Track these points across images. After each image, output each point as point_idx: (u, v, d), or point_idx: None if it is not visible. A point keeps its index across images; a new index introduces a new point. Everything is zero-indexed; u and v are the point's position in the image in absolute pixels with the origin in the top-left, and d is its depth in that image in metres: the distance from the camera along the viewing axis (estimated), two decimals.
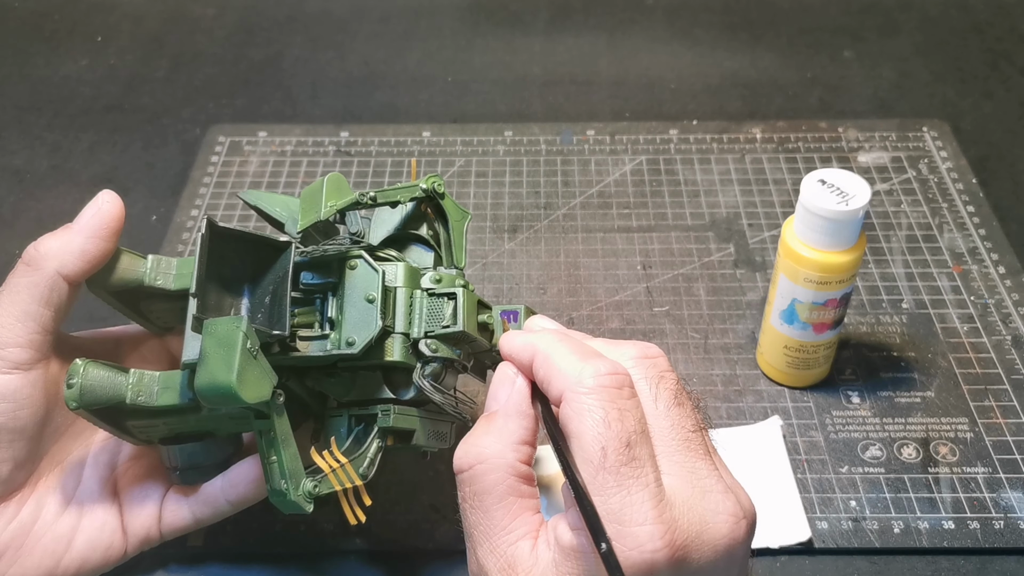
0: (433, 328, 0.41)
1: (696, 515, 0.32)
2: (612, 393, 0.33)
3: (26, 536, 0.41)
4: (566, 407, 0.33)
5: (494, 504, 0.34)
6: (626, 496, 0.31)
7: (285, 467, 0.38)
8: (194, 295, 0.36)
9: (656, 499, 0.31)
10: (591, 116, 0.76)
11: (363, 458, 0.40)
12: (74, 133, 0.76)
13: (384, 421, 0.41)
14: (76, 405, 0.38)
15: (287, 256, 0.40)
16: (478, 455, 0.35)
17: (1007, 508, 0.48)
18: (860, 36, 0.85)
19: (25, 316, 0.39)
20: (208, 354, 0.36)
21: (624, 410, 0.33)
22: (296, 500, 0.38)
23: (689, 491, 0.32)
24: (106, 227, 0.40)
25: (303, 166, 0.71)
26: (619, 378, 0.33)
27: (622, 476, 0.31)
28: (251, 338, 0.36)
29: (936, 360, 0.56)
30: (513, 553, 0.33)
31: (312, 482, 0.39)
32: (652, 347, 0.37)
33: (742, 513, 0.33)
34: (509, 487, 0.34)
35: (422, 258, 0.45)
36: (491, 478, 0.34)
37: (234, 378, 0.35)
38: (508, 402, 0.36)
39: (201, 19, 0.89)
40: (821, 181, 0.47)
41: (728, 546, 0.32)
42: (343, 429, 0.42)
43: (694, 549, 0.31)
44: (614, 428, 0.32)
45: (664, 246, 0.64)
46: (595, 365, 0.34)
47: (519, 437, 0.35)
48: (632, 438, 0.32)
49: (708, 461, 0.34)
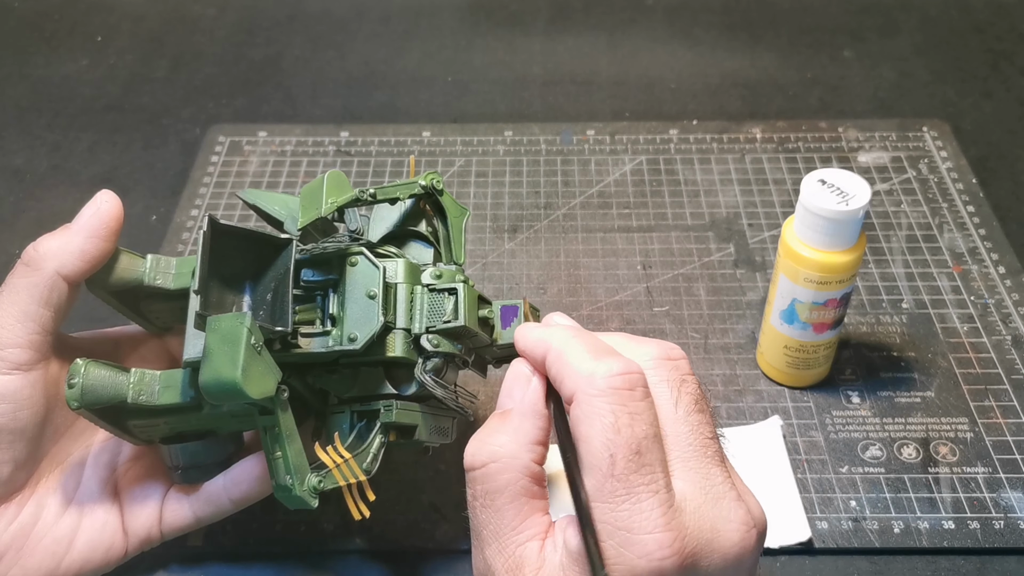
0: (434, 323, 0.41)
1: (707, 522, 0.32)
2: (623, 395, 0.32)
3: (27, 537, 0.41)
4: (576, 409, 0.33)
5: (505, 504, 0.34)
6: (635, 504, 0.31)
7: (290, 462, 0.38)
8: (197, 292, 0.36)
9: (665, 506, 0.31)
10: (591, 116, 0.76)
11: (366, 453, 0.40)
12: (74, 133, 0.76)
13: (387, 417, 0.41)
14: (78, 405, 0.38)
15: (288, 253, 0.40)
16: (492, 454, 0.34)
17: (1007, 508, 0.48)
18: (860, 36, 0.85)
19: (24, 317, 0.39)
20: (212, 350, 0.36)
21: (635, 414, 0.32)
22: (301, 495, 0.38)
23: (702, 498, 0.32)
24: (105, 227, 0.40)
25: (303, 166, 0.71)
26: (631, 378, 0.33)
27: (631, 484, 0.31)
28: (255, 334, 0.36)
29: (936, 360, 0.56)
30: (521, 554, 0.33)
31: (317, 477, 0.39)
32: (675, 348, 0.36)
33: (753, 522, 0.33)
34: (522, 488, 0.34)
35: (422, 254, 0.45)
36: (504, 478, 0.34)
37: (239, 374, 0.35)
38: (523, 401, 0.36)
39: (201, 19, 0.89)
40: (821, 181, 0.47)
41: (738, 555, 0.32)
42: (345, 425, 0.42)
43: (703, 556, 0.31)
44: (624, 434, 0.31)
45: (664, 246, 0.64)
46: (608, 364, 0.33)
47: (534, 437, 0.35)
48: (643, 444, 0.32)
49: (723, 468, 0.33)
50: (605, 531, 0.31)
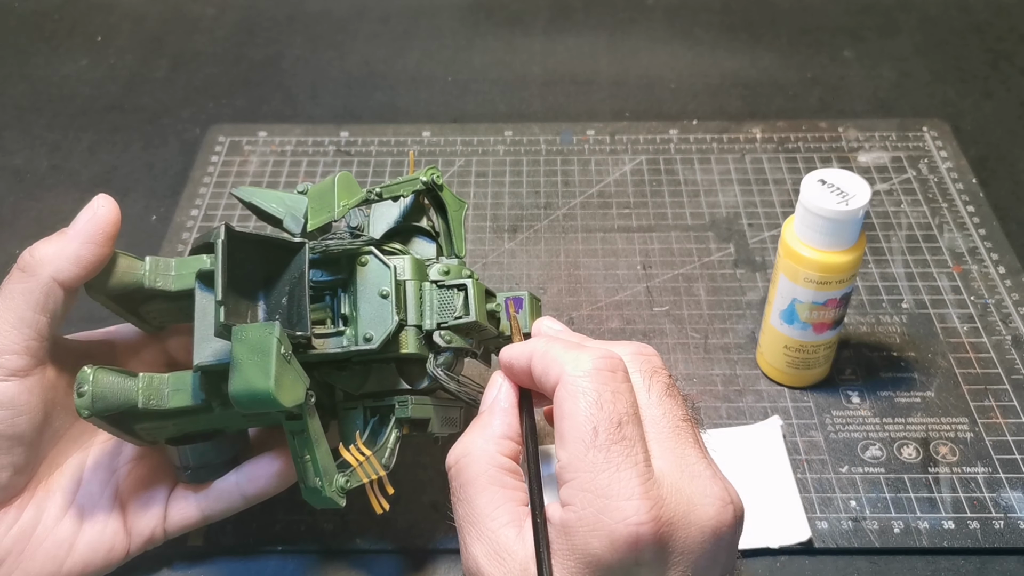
0: (446, 319, 0.42)
1: (684, 496, 0.33)
2: (606, 376, 0.35)
3: (27, 541, 0.41)
4: (561, 389, 0.35)
5: (477, 493, 0.36)
6: (614, 472, 0.32)
7: (319, 464, 0.39)
8: (220, 303, 0.36)
9: (644, 477, 0.33)
10: (591, 116, 0.76)
11: (384, 449, 0.41)
12: (74, 133, 0.76)
13: (402, 412, 0.42)
14: (88, 413, 0.38)
15: (301, 257, 0.40)
16: (463, 450, 0.37)
17: (1007, 508, 0.48)
18: (860, 36, 0.84)
19: (21, 323, 0.39)
20: (241, 361, 0.36)
21: (617, 392, 0.34)
22: (331, 496, 0.39)
23: (678, 474, 0.34)
24: (101, 232, 0.40)
25: (303, 166, 0.71)
26: (613, 362, 0.35)
27: (612, 454, 0.33)
28: (284, 343, 0.37)
29: (936, 360, 0.56)
30: (498, 539, 0.34)
31: (344, 477, 0.40)
32: (648, 347, 0.38)
33: (729, 498, 0.34)
34: (491, 478, 0.36)
35: (425, 249, 0.46)
36: (473, 469, 0.36)
37: (272, 384, 0.35)
38: (492, 401, 0.39)
39: (201, 19, 0.89)
40: (821, 181, 0.47)
41: (715, 528, 0.33)
42: (359, 422, 0.43)
43: (680, 528, 0.33)
44: (606, 409, 0.34)
45: (664, 246, 0.64)
46: (591, 351, 0.36)
47: (500, 432, 0.37)
48: (623, 418, 0.34)
49: (697, 449, 0.35)
50: (586, 499, 0.32)
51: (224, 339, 0.37)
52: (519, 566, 0.33)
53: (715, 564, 0.34)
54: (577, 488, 0.33)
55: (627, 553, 0.32)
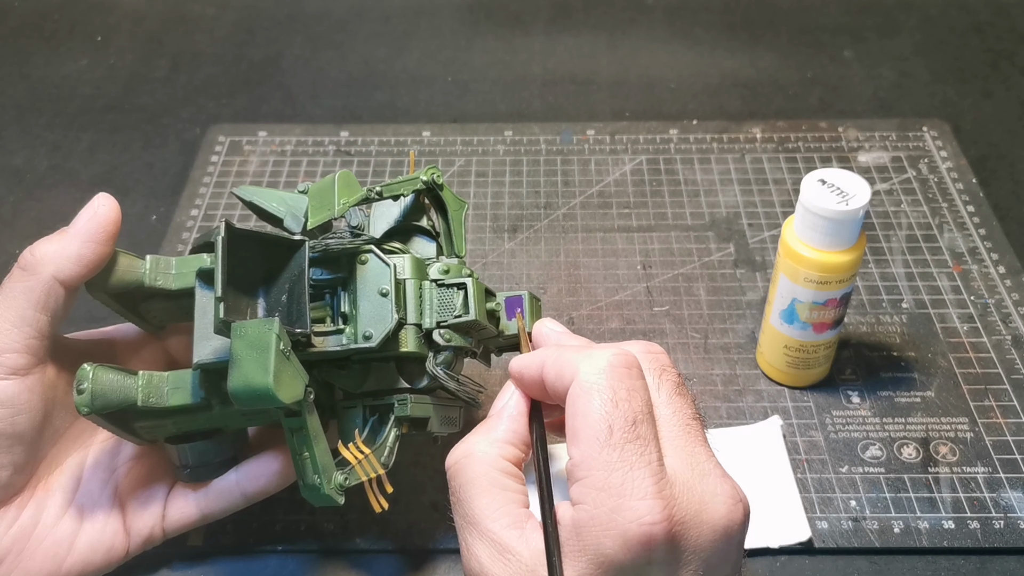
0: (445, 318, 0.42)
1: (695, 495, 0.33)
2: (622, 372, 0.34)
3: (27, 540, 0.41)
4: (576, 388, 0.35)
5: (477, 494, 0.36)
6: (628, 472, 0.32)
7: (318, 462, 0.39)
8: (220, 299, 0.36)
9: (657, 476, 0.32)
10: (591, 116, 0.76)
11: (383, 448, 0.41)
12: (74, 133, 0.76)
13: (402, 410, 0.42)
14: (88, 411, 0.38)
15: (301, 254, 0.40)
16: (465, 451, 0.37)
17: (1007, 508, 0.48)
18: (860, 36, 0.85)
19: (21, 321, 0.39)
20: (240, 357, 0.36)
21: (632, 390, 0.34)
22: (329, 493, 0.39)
23: (689, 473, 0.34)
24: (102, 231, 0.40)
25: (303, 166, 0.71)
26: (629, 359, 0.35)
27: (626, 452, 0.33)
28: (283, 339, 0.37)
29: (936, 360, 0.56)
30: (501, 539, 0.34)
31: (342, 475, 0.40)
32: (656, 345, 0.38)
33: (739, 496, 0.34)
34: (491, 480, 0.36)
35: (425, 249, 0.46)
36: (474, 470, 0.36)
37: (271, 380, 0.35)
38: (500, 407, 0.39)
39: (201, 19, 0.89)
40: (821, 181, 0.47)
41: (726, 527, 0.33)
42: (358, 420, 0.43)
43: (692, 527, 0.33)
44: (622, 408, 0.33)
45: (664, 246, 0.64)
46: (605, 350, 0.36)
47: (504, 437, 0.38)
48: (638, 416, 0.34)
49: (706, 448, 0.35)
50: (599, 498, 0.32)
51: (223, 336, 0.37)
52: (525, 567, 0.33)
53: (726, 562, 0.34)
54: (590, 486, 0.33)
55: (640, 553, 0.32)
